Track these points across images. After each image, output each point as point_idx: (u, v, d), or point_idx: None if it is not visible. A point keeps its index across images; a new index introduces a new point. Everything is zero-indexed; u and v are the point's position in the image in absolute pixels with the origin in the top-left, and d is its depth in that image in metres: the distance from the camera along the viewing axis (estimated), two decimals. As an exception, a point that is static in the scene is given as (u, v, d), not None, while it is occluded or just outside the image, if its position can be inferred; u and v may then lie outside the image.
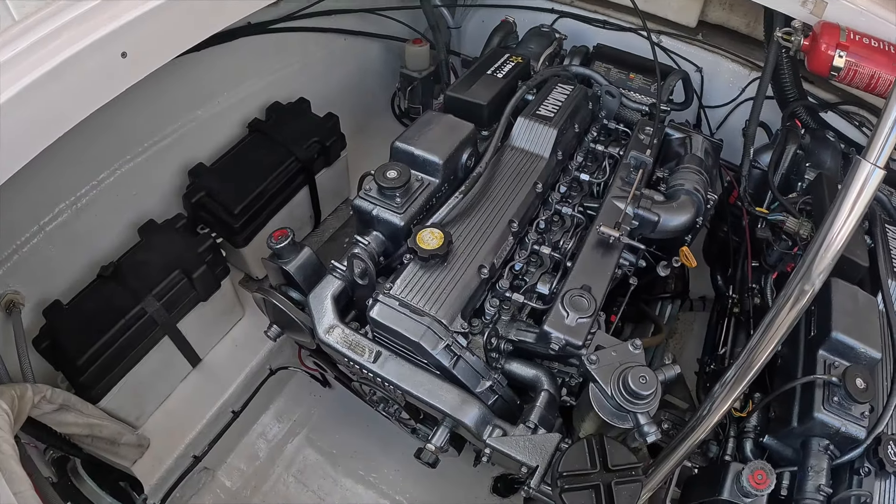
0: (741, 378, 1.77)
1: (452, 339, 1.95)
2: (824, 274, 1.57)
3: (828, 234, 1.51)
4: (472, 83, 2.59)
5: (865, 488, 2.06)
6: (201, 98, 2.95)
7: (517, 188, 2.32)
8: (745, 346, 1.83)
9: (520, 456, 1.90)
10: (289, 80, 3.15)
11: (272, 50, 3.10)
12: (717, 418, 1.85)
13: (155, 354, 2.70)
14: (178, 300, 2.71)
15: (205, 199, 2.89)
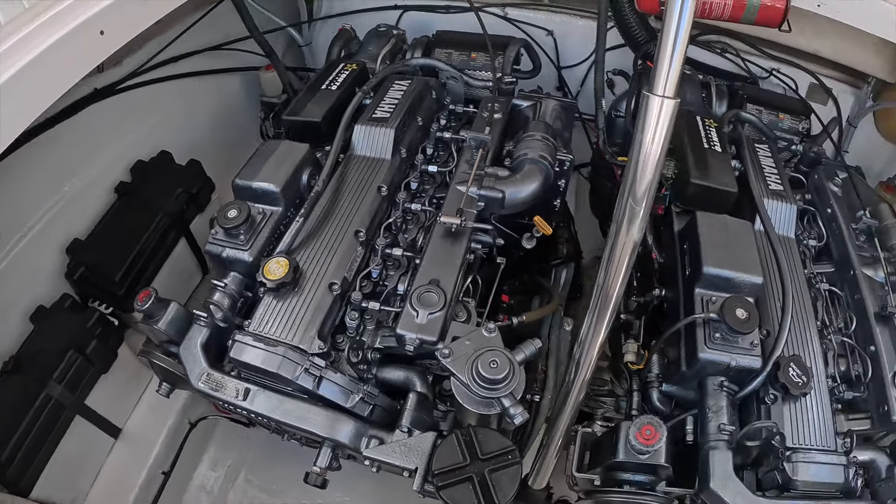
0: (599, 324, 1.69)
1: (309, 362, 1.94)
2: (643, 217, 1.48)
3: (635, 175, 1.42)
4: (308, 101, 2.57)
5: (775, 416, 2.05)
6: (64, 174, 2.91)
7: (361, 196, 2.31)
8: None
9: (397, 461, 1.89)
10: (149, 135, 3.12)
11: (126, 109, 3.07)
12: (586, 374, 1.79)
13: (72, 435, 2.68)
14: (80, 378, 2.69)
15: (86, 274, 2.86)
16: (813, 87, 3.40)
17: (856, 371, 2.28)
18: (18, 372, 2.58)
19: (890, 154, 3.64)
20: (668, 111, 1.31)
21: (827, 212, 2.71)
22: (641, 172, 1.39)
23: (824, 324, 2.38)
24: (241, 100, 3.49)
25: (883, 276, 2.47)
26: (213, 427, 3.18)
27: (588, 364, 1.73)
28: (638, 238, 1.49)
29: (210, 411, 3.05)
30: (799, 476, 1.95)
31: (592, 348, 1.68)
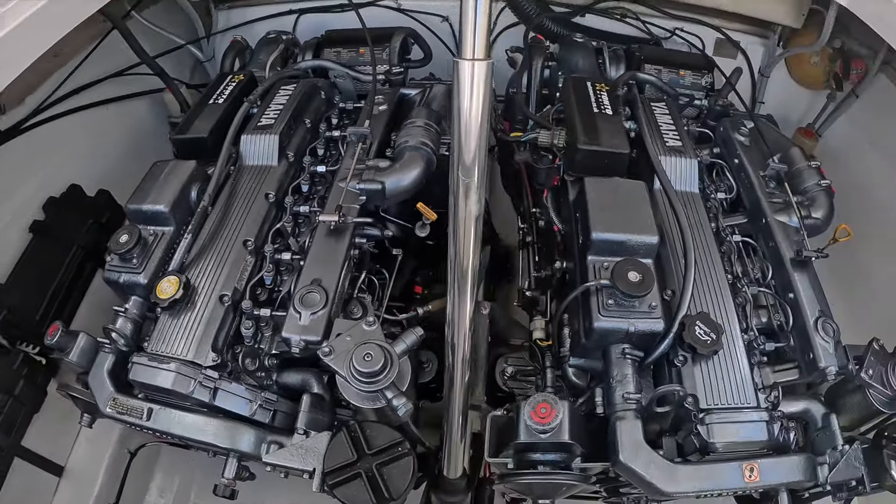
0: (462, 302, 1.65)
1: (203, 375, 1.95)
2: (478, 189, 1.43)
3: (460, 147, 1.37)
4: (195, 118, 2.56)
5: (687, 378, 1.99)
6: (-22, 221, 2.90)
7: (249, 206, 2.31)
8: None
9: (295, 464, 1.89)
10: (59, 171, 3.09)
11: (34, 148, 3.05)
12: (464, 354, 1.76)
13: (14, 479, 2.67)
14: (12, 420, 2.69)
15: (9, 317, 2.85)
16: (720, 43, 3.40)
17: (778, 321, 2.23)
18: (-50, 421, 2.58)
19: (807, 100, 3.64)
20: (481, 73, 1.27)
21: (735, 162, 2.69)
22: (466, 142, 1.35)
23: (737, 277, 2.33)
24: (149, 123, 3.47)
25: (797, 221, 2.43)
26: (157, 453, 3.16)
27: (463, 345, 1.69)
28: (477, 211, 1.46)
29: (149, 438, 3.03)
30: (716, 438, 1.87)
31: (462, 327, 1.65)
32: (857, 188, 3.49)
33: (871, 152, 3.43)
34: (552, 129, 2.44)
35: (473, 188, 1.42)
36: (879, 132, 3.38)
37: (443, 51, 3.26)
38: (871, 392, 2.03)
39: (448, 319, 1.67)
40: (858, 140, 3.50)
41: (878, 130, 3.38)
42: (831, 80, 3.43)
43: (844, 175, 3.57)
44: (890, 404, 2.03)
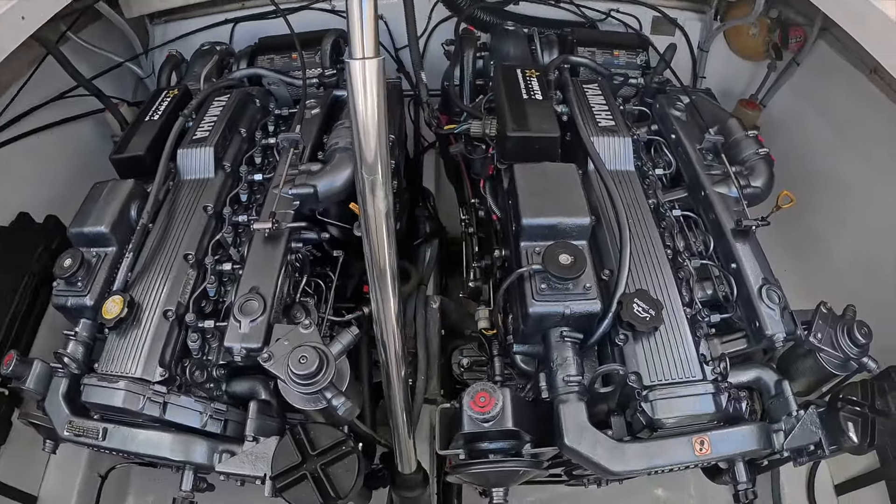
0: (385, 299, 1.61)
1: (151, 390, 1.96)
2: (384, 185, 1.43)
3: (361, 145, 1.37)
4: (132, 136, 2.57)
5: (629, 356, 1.98)
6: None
7: (188, 219, 2.32)
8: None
9: (247, 471, 1.92)
10: (6, 200, 3.09)
11: (-24, 180, 3.05)
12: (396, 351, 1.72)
13: (-12, 514, 2.68)
14: (-22, 453, 2.69)
15: (-34, 351, 2.85)
16: (657, 21, 3.43)
17: (723, 292, 2.24)
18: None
19: (749, 72, 3.69)
20: (373, 71, 1.26)
21: (672, 138, 2.72)
22: (366, 141, 1.34)
23: (678, 251, 2.32)
24: (94, 144, 3.46)
25: (736, 191, 2.45)
26: (128, 475, 3.17)
27: (393, 342, 1.68)
28: (385, 207, 1.45)
29: (118, 460, 3.04)
30: (659, 414, 1.86)
31: (389, 325, 1.65)
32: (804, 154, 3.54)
33: (815, 118, 3.48)
34: (483, 118, 2.46)
35: (379, 184, 1.41)
36: (822, 98, 3.42)
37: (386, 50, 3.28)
38: (822, 355, 2.06)
39: (374, 318, 1.65)
40: (802, 107, 3.54)
41: (821, 96, 3.43)
42: (771, 50, 3.47)
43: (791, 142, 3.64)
44: (842, 366, 2.06)
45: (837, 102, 3.36)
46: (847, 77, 3.19)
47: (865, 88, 3.08)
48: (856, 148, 3.25)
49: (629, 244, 2.09)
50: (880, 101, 3.00)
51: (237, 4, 3.45)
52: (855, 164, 3.23)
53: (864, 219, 3.23)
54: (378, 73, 1.27)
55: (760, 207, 2.57)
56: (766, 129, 3.72)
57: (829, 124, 3.41)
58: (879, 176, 3.11)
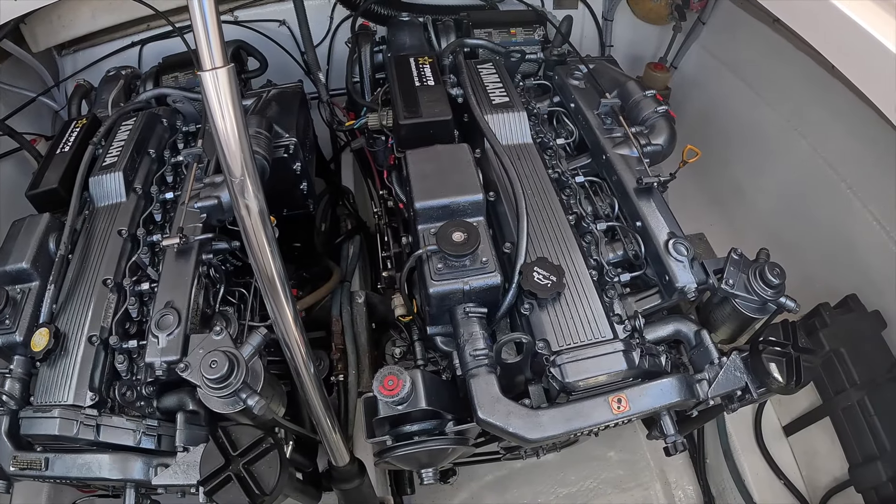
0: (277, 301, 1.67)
1: (84, 414, 2.03)
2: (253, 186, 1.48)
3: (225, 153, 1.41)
4: (45, 170, 2.61)
5: (537, 324, 2.00)
6: None
7: (104, 245, 2.38)
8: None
9: (180, 481, 1.97)
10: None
11: None
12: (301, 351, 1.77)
13: (-47, 566, 2.72)
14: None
15: None
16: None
17: (632, 251, 2.28)
18: None
19: (656, 36, 3.77)
20: (224, 79, 1.31)
21: (571, 107, 2.80)
22: (228, 147, 1.39)
23: (581, 216, 2.37)
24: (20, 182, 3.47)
25: (636, 151, 2.52)
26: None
27: (294, 342, 1.74)
28: (258, 206, 1.49)
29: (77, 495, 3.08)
30: (570, 377, 1.88)
31: (288, 327, 1.71)
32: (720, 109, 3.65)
33: (725, 73, 3.57)
34: (379, 110, 2.53)
35: (247, 186, 1.46)
36: (730, 53, 3.52)
37: (282, 55, 3.33)
38: (738, 301, 2.10)
39: (272, 321, 1.70)
40: (712, 64, 3.62)
41: (729, 51, 3.52)
42: (674, 12, 3.53)
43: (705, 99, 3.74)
44: (760, 309, 2.10)
45: (745, 55, 3.45)
46: (751, 29, 3.28)
47: (770, 38, 3.17)
48: (766, 97, 3.34)
49: (526, 215, 2.10)
50: (785, 48, 3.08)
51: (143, 26, 3.48)
52: (768, 113, 3.33)
53: (781, 165, 3.33)
54: (230, 80, 1.32)
55: (668, 164, 2.66)
56: (679, 89, 3.81)
57: (739, 77, 3.49)
58: (790, 121, 3.21)
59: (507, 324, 2.19)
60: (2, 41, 3.04)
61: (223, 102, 1.32)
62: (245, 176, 1.44)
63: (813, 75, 2.95)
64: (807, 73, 2.99)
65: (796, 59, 3.03)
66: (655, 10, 3.61)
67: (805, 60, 2.99)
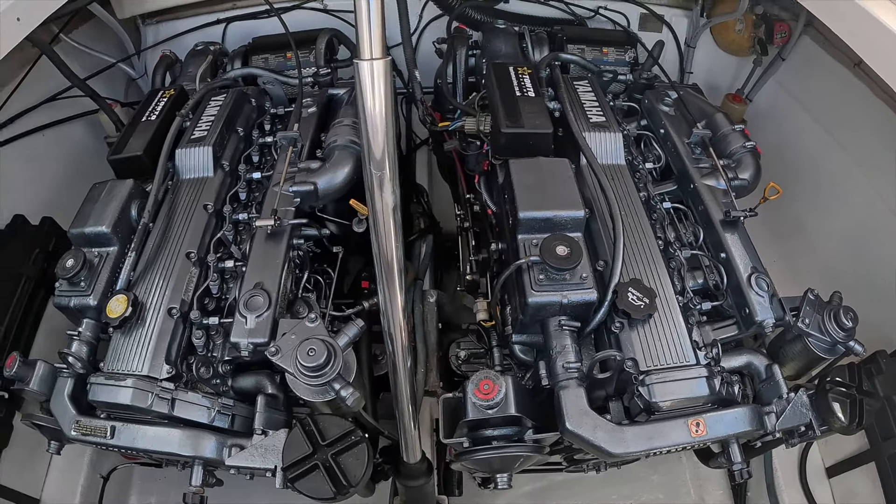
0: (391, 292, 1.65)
1: (159, 387, 1.99)
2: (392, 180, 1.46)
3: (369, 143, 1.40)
4: (130, 136, 2.58)
5: (626, 343, 2.03)
6: (-72, 260, 2.88)
7: (189, 218, 2.35)
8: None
9: (257, 464, 1.94)
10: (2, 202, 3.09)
11: (-32, 183, 3.04)
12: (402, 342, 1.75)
13: (-8, 518, 2.69)
14: (-19, 457, 2.70)
15: (-35, 355, 2.85)
16: (645, 17, 3.49)
17: (713, 280, 2.30)
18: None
19: (734, 66, 3.76)
20: (380, 71, 1.30)
21: (661, 132, 2.79)
22: (374, 138, 1.38)
23: (669, 242, 2.39)
24: (88, 145, 3.46)
25: (724, 183, 2.52)
26: (129, 475, 3.19)
27: (399, 333, 1.72)
28: (393, 201, 1.48)
29: (120, 461, 3.06)
30: (657, 397, 1.91)
31: (396, 317, 1.68)
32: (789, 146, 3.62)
33: (800, 111, 3.55)
34: (477, 115, 2.51)
35: (386, 180, 1.45)
36: (807, 92, 3.50)
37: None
38: (811, 340, 2.13)
39: (381, 311, 1.69)
40: (787, 101, 3.61)
41: (806, 90, 3.50)
42: (756, 45, 3.54)
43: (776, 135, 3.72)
44: (829, 350, 2.12)
45: (821, 96, 3.43)
46: (831, 71, 3.26)
47: (849, 82, 3.15)
48: (839, 139, 3.32)
49: (622, 235, 2.13)
50: (864, 93, 3.06)
51: (228, 4, 3.47)
52: (838, 154, 3.30)
53: (847, 207, 3.31)
54: (386, 73, 1.31)
55: (747, 199, 2.64)
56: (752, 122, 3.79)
57: (813, 117, 3.47)
58: (861, 166, 3.18)
59: (590, 340, 2.20)
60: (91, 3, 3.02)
61: (377, 93, 1.31)
62: (386, 170, 1.43)
63: (889, 123, 2.94)
64: (883, 119, 2.98)
65: (874, 105, 3.02)
66: (737, 42, 3.61)
67: (881, 107, 2.98)
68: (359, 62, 1.28)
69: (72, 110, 3.39)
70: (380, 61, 1.28)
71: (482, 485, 3.02)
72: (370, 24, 1.24)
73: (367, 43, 1.26)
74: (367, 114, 1.34)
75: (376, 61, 1.27)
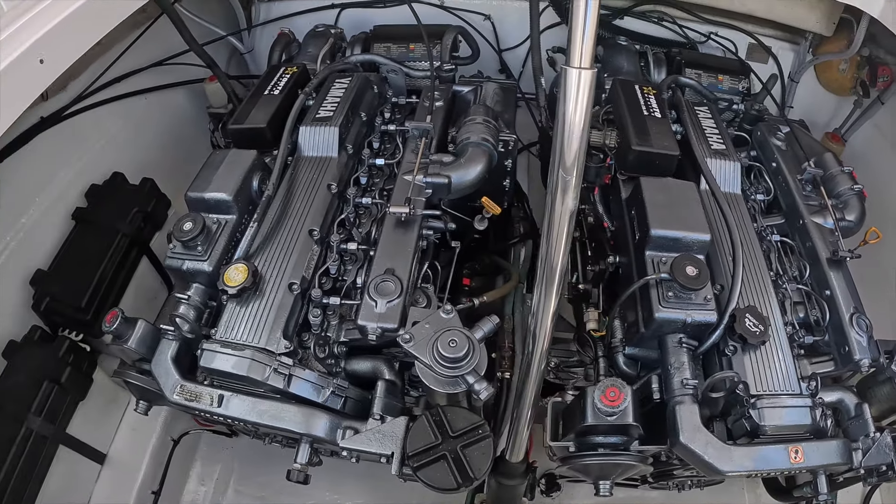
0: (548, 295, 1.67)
1: (277, 362, 1.98)
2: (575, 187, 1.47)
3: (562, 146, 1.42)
4: (252, 108, 2.59)
5: (737, 366, 2.10)
6: (20, 206, 2.90)
7: (312, 196, 2.35)
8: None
9: (374, 448, 1.94)
10: (100, 158, 3.11)
11: (75, 135, 3.05)
12: (543, 345, 1.76)
13: (58, 467, 2.69)
14: (58, 408, 2.70)
15: (52, 304, 2.85)
16: (752, 47, 3.48)
17: (814, 316, 2.35)
18: (-5, 410, 2.59)
19: (833, 105, 3.74)
20: (586, 81, 1.32)
21: (772, 166, 2.79)
22: (568, 143, 1.40)
23: (778, 273, 2.43)
24: (188, 113, 3.49)
25: (832, 223, 2.55)
26: (197, 441, 3.20)
27: (544, 336, 1.72)
28: (573, 207, 1.50)
29: (192, 426, 3.07)
30: (766, 421, 1.99)
31: (546, 320, 1.69)
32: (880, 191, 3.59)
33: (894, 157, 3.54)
34: (603, 129, 2.52)
35: (571, 186, 1.47)
36: (904, 138, 3.48)
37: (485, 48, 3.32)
38: None
39: (532, 311, 1.71)
40: (882, 145, 3.59)
41: (903, 136, 3.48)
42: (858, 86, 3.53)
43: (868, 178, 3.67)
44: None
45: (918, 144, 3.41)
46: (931, 120, 3.26)
47: (948, 133, 3.14)
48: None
49: (741, 262, 2.19)
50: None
51: (353, -11, 3.49)
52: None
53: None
54: (591, 84, 1.33)
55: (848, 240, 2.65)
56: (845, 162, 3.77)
57: (907, 164, 3.45)
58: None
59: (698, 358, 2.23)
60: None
61: (579, 102, 1.33)
62: (574, 175, 1.44)
63: None
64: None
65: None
66: (840, 81, 3.60)
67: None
68: (567, 69, 1.31)
69: (173, 77, 3.42)
70: (588, 71, 1.31)
71: (545, 492, 3.03)
72: (584, 34, 1.27)
73: (577, 52, 1.29)
74: (566, 119, 1.37)
75: (584, 71, 1.30)
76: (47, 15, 2.41)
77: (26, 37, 2.32)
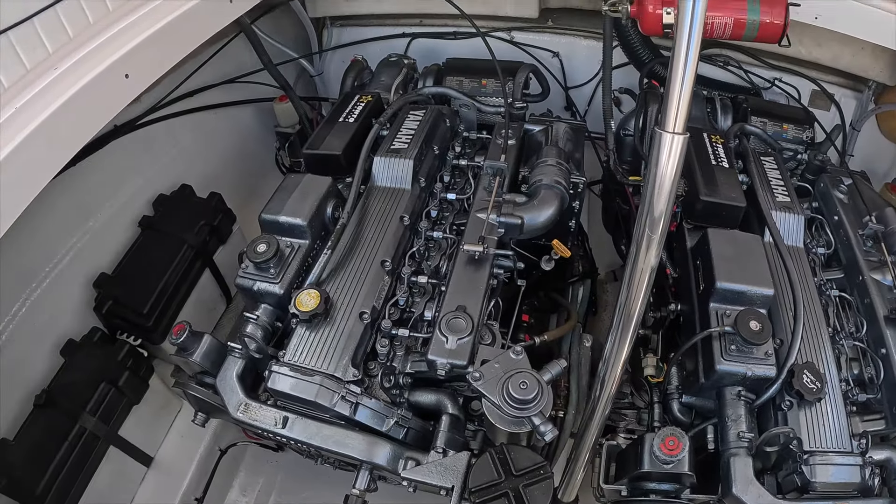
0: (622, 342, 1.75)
1: (346, 389, 2.02)
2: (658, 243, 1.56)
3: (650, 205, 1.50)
4: (327, 134, 2.64)
5: (792, 421, 2.11)
6: (89, 209, 3.00)
7: (385, 227, 2.40)
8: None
9: (435, 481, 1.97)
10: (169, 169, 3.20)
11: (146, 144, 3.15)
12: (611, 390, 1.85)
13: (106, 466, 2.77)
14: (112, 409, 2.79)
15: (114, 307, 2.95)
16: (815, 94, 3.49)
17: (868, 374, 2.33)
18: (51, 405, 2.66)
19: (894, 154, 3.72)
20: (678, 146, 1.39)
21: (834, 219, 2.78)
22: (656, 202, 1.48)
23: (836, 329, 2.43)
24: (256, 131, 3.57)
25: (891, 280, 2.52)
26: (243, 453, 3.26)
27: (613, 380, 1.79)
28: (655, 263, 1.58)
29: (240, 438, 3.12)
30: (817, 478, 2.00)
31: (616, 365, 1.76)
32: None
33: (954, 210, 3.52)
34: (673, 177, 2.54)
35: (655, 242, 1.54)
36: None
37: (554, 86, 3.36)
38: None
39: (605, 356, 1.78)
40: (940, 199, 3.58)
41: (958, 191, 3.46)
42: (919, 138, 3.51)
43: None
44: None
45: (976, 198, 3.38)
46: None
47: None
48: None
49: (802, 319, 2.21)
50: None
51: (415, 20, 3.55)
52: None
53: None
54: (682, 148, 1.41)
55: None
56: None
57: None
58: None
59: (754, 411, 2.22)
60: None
61: (671, 164, 1.41)
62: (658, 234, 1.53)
63: None
64: None
65: None
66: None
67: None
68: (661, 132, 1.38)
69: (242, 94, 3.50)
70: (680, 136, 1.38)
71: None
72: (679, 99, 1.35)
73: (672, 117, 1.36)
74: (657, 179, 1.44)
75: (677, 136, 1.38)
76: (134, 31, 2.49)
77: (112, 50, 2.39)
